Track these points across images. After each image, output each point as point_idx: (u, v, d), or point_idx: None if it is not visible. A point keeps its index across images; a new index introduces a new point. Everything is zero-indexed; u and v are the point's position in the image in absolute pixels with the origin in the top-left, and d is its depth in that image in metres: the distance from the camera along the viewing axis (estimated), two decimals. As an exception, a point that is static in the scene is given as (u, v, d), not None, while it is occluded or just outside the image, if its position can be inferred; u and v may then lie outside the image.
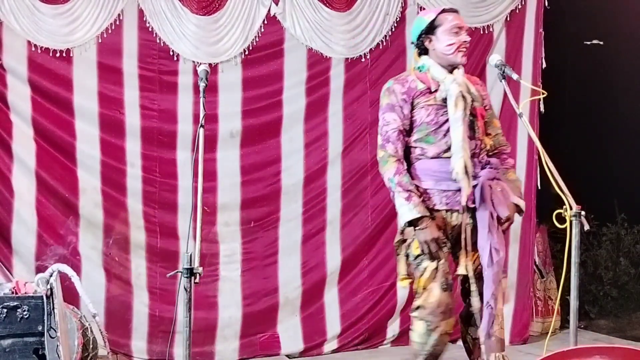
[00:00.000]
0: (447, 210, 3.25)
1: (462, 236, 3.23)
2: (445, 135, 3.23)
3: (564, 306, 3.19)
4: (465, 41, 3.27)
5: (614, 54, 6.76)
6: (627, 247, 6.74)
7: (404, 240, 3.34)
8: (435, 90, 3.28)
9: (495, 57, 3.26)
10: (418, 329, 3.32)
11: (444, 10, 3.35)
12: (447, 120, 3.23)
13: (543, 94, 3.43)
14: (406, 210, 3.17)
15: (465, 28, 3.31)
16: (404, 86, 3.33)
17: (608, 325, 6.23)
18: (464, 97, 3.22)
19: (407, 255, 3.33)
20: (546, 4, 5.49)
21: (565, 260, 2.89)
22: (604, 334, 5.94)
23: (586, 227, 2.86)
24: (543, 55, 5.47)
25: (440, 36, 3.30)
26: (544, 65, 5.48)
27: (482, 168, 3.22)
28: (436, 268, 3.25)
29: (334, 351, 5.28)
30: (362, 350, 5.32)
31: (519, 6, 5.44)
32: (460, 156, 3.17)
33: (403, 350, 5.32)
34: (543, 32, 5.50)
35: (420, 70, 3.37)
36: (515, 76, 3.18)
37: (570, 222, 2.84)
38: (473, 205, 3.21)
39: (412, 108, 3.29)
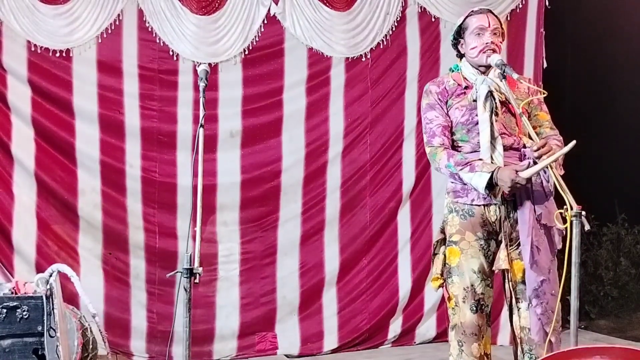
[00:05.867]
0: (485, 206, 3.24)
1: (503, 229, 3.20)
2: (478, 134, 3.24)
3: (565, 306, 3.18)
4: (487, 43, 3.26)
5: (613, 54, 6.76)
6: (627, 247, 6.74)
7: (444, 240, 3.34)
8: (466, 88, 3.28)
9: (496, 56, 3.24)
10: (453, 351, 3.29)
11: (472, 12, 3.35)
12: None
13: (543, 94, 3.40)
14: (477, 179, 3.12)
15: (491, 27, 3.28)
16: (439, 87, 3.37)
17: (608, 325, 6.23)
18: (493, 97, 3.21)
19: (445, 256, 3.32)
20: (547, 4, 5.48)
21: (565, 261, 2.88)
22: (604, 334, 5.95)
23: (587, 227, 2.84)
24: (544, 55, 5.47)
25: (467, 39, 3.32)
26: (545, 65, 5.47)
27: (521, 159, 3.20)
28: (467, 287, 3.24)
29: (334, 351, 5.28)
30: (362, 350, 5.32)
31: (520, 5, 5.44)
32: (487, 157, 3.17)
33: (404, 351, 5.33)
34: (544, 32, 5.50)
35: (453, 71, 3.39)
36: (515, 76, 3.17)
37: (571, 222, 2.82)
38: (512, 199, 3.19)
39: (447, 109, 3.30)
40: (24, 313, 3.48)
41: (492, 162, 3.18)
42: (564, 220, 2.86)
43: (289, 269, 5.22)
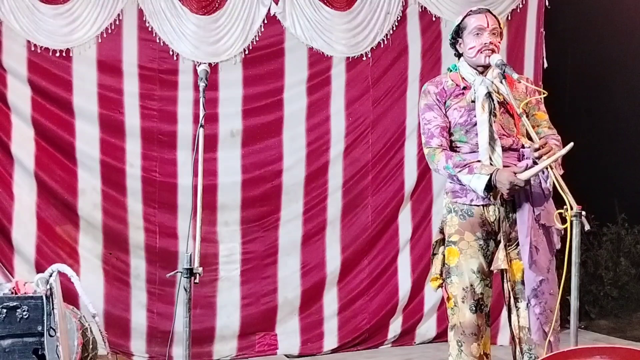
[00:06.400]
0: (484, 206, 3.24)
1: (502, 229, 3.20)
2: (476, 135, 3.23)
3: (564, 306, 3.18)
4: (486, 43, 3.25)
5: (613, 54, 6.76)
6: (627, 247, 6.74)
7: (443, 240, 3.34)
8: (465, 88, 3.28)
9: (496, 56, 3.24)
10: (452, 351, 3.30)
11: (470, 12, 3.34)
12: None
13: (543, 93, 3.40)
14: (475, 181, 3.13)
15: (490, 28, 3.27)
16: (438, 87, 3.36)
17: (608, 325, 6.23)
18: (491, 98, 3.21)
19: (444, 257, 3.32)
20: (547, 4, 5.48)
21: (565, 261, 2.88)
22: (604, 334, 5.95)
23: (587, 227, 2.84)
24: (544, 54, 5.47)
25: (466, 39, 3.31)
26: (545, 64, 5.47)
27: (520, 160, 3.20)
28: (466, 287, 3.23)
29: (334, 351, 5.28)
30: (362, 350, 5.32)
31: (520, 5, 5.44)
32: (486, 157, 3.17)
33: (404, 351, 5.32)
34: (544, 32, 5.50)
35: (451, 71, 3.39)
36: (515, 76, 3.17)
37: (571, 222, 2.82)
38: (511, 199, 3.19)
39: (446, 109, 3.30)
40: (24, 313, 3.48)
41: (491, 163, 3.18)
42: (564, 220, 2.86)
43: (291, 269, 5.21)
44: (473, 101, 3.25)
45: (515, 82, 3.29)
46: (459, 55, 3.40)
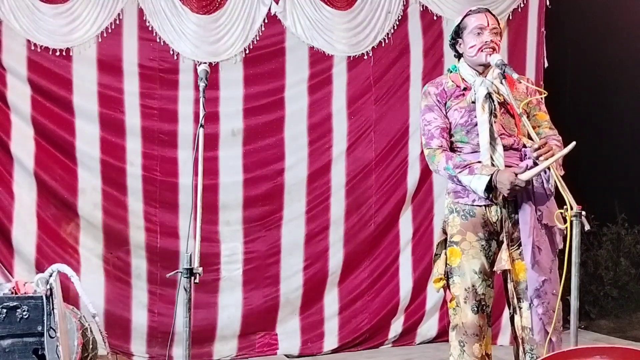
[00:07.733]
0: (486, 206, 3.23)
1: (504, 230, 3.20)
2: (477, 135, 3.23)
3: (565, 306, 3.18)
4: (486, 41, 3.25)
5: (614, 53, 6.76)
6: (627, 247, 6.74)
7: (445, 240, 3.34)
8: (465, 89, 3.27)
9: (496, 56, 3.23)
10: (454, 351, 3.30)
11: (470, 12, 3.34)
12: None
13: (543, 94, 3.40)
14: (476, 182, 3.14)
15: (490, 27, 3.28)
16: (438, 88, 3.36)
17: (608, 325, 6.23)
18: (491, 98, 3.21)
19: (447, 257, 3.32)
20: (547, 4, 5.48)
21: (565, 261, 2.88)
22: (604, 334, 5.95)
23: (587, 227, 2.85)
24: (545, 54, 5.47)
25: (466, 38, 3.31)
26: (546, 64, 5.47)
27: (521, 160, 3.20)
28: (468, 288, 3.23)
29: (334, 351, 5.27)
30: (362, 350, 5.31)
31: (521, 5, 5.44)
32: (487, 157, 3.17)
33: (404, 351, 5.32)
34: (545, 32, 5.50)
35: (451, 72, 3.39)
36: (515, 76, 3.17)
37: (571, 222, 2.83)
38: (513, 199, 3.19)
39: (446, 110, 3.30)
40: (24, 313, 3.47)
41: (492, 163, 3.18)
42: (564, 220, 2.86)
43: (293, 269, 5.21)
44: (473, 102, 3.25)
45: (516, 82, 3.29)
46: (459, 56, 3.40)
